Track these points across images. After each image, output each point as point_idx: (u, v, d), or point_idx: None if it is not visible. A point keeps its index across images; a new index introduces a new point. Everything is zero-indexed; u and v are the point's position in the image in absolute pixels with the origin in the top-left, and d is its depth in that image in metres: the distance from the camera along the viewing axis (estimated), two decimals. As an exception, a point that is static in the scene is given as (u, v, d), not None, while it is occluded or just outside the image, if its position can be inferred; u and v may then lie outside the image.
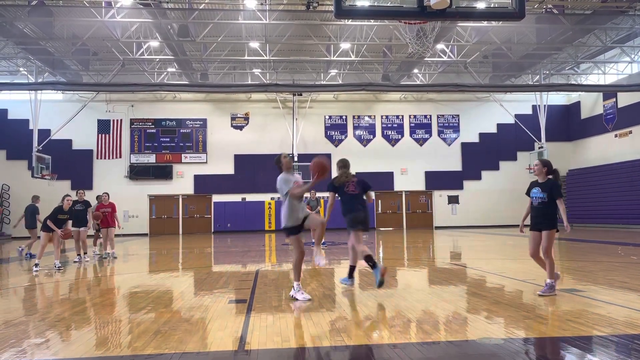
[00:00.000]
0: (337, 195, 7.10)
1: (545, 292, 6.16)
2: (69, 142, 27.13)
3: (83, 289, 8.09)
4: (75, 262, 11.95)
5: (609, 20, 19.66)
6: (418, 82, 26.98)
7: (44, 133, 24.67)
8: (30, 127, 24.88)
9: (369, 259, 6.61)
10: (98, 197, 13.71)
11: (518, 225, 6.76)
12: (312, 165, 6.13)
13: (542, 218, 6.36)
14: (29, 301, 6.68)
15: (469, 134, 29.63)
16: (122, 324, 5.28)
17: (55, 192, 21.03)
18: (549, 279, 6.25)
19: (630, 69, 25.61)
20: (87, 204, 12.63)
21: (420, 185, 29.07)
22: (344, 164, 7.39)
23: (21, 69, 24.40)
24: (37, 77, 23.61)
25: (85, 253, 12.30)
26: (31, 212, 14.82)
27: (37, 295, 7.41)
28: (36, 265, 10.31)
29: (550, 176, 6.51)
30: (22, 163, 26.29)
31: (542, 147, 26.21)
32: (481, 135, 29.62)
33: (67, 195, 11.05)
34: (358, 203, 7.05)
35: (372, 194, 7.33)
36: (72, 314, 5.75)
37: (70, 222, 11.00)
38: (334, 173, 7.31)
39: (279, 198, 14.60)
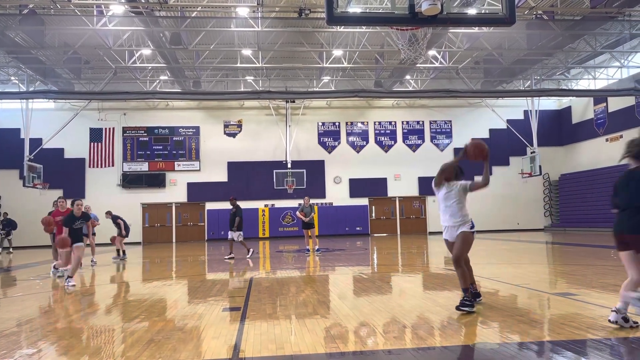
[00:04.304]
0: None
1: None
2: (60, 151, 26.98)
3: (75, 298, 8.01)
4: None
5: (599, 25, 19.86)
6: (410, 89, 27.10)
7: (36, 142, 24.52)
8: (22, 136, 24.72)
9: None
10: (54, 203, 11.85)
11: (511, 230, 6.74)
12: (473, 149, 5.85)
13: None
14: (21, 311, 6.61)
15: (462, 139, 29.69)
16: (115, 333, 5.24)
17: (47, 202, 20.86)
18: None
19: (620, 74, 25.85)
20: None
21: (414, 191, 29.12)
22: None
23: (12, 77, 24.27)
24: (29, 86, 23.50)
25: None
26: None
27: (29, 305, 7.34)
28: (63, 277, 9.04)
29: None
30: (14, 172, 26.10)
31: (534, 152, 26.37)
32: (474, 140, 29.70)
33: (77, 200, 9.65)
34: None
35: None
36: (64, 324, 5.69)
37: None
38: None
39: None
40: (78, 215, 9.46)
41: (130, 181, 27.40)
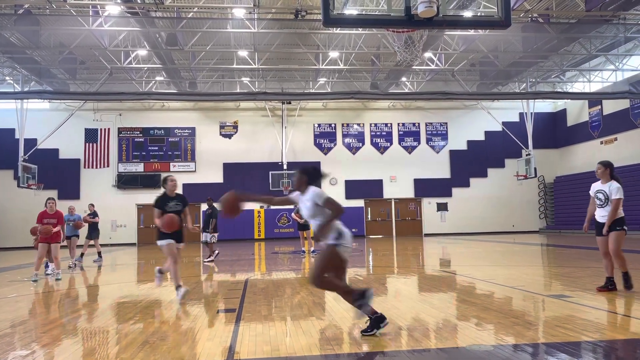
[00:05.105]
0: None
1: None
2: (55, 151, 26.87)
3: (70, 299, 7.98)
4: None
5: (594, 29, 19.95)
6: (406, 90, 27.14)
7: (30, 142, 24.41)
8: (16, 136, 24.62)
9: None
10: (46, 203, 11.37)
11: (506, 232, 6.78)
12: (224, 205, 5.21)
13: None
14: (15, 312, 6.57)
15: (457, 141, 29.82)
16: (110, 335, 5.21)
17: (42, 203, 20.74)
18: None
19: (615, 77, 25.97)
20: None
21: (410, 193, 29.15)
22: None
23: (7, 77, 24.17)
24: (24, 86, 23.40)
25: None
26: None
27: (23, 306, 7.30)
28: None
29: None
30: (8, 173, 25.97)
31: (529, 154, 26.45)
32: (469, 142, 29.82)
33: (169, 176, 7.62)
34: None
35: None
36: (58, 325, 5.66)
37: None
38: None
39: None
40: (172, 195, 7.26)
41: (125, 182, 27.31)
